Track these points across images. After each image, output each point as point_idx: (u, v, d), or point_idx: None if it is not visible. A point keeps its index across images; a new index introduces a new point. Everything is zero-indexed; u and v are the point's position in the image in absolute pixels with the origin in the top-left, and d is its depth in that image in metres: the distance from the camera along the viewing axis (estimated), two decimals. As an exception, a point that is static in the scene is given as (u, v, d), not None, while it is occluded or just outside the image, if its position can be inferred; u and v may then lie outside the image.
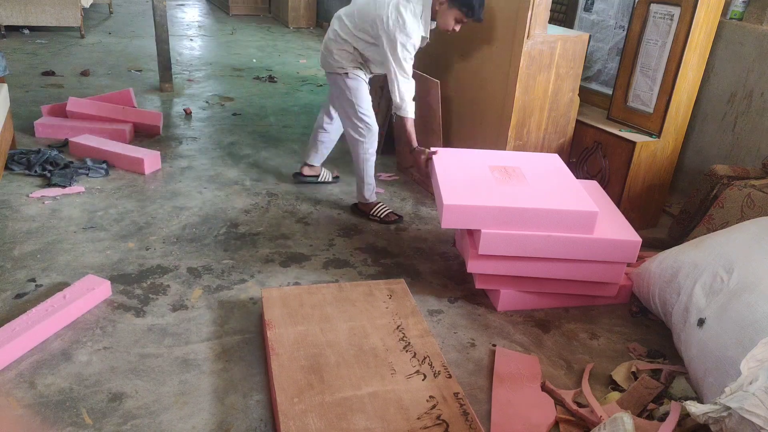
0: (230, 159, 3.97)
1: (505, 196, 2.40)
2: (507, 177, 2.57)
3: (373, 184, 3.22)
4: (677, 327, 2.19)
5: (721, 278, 2.07)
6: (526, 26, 2.87)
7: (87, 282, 2.40)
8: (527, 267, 2.41)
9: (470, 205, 2.33)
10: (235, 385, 2.01)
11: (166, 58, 5.31)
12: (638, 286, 2.55)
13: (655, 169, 3.17)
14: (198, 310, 2.39)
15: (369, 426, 1.74)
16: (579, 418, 1.92)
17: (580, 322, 2.49)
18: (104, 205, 3.19)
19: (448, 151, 2.83)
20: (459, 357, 2.22)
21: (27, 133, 4.06)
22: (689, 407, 1.57)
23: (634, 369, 2.17)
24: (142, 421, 1.84)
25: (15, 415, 1.83)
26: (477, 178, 2.55)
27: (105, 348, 2.14)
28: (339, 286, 2.42)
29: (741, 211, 2.68)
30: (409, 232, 3.16)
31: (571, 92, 3.18)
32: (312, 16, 9.62)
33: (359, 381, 1.91)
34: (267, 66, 6.76)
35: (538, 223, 2.34)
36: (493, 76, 3.16)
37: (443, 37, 3.55)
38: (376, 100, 4.30)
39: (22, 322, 2.12)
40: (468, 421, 1.79)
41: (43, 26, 7.37)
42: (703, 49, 2.97)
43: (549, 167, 2.73)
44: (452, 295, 2.62)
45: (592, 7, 3.66)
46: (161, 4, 5.07)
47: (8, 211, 3.06)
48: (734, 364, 1.75)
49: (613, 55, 3.53)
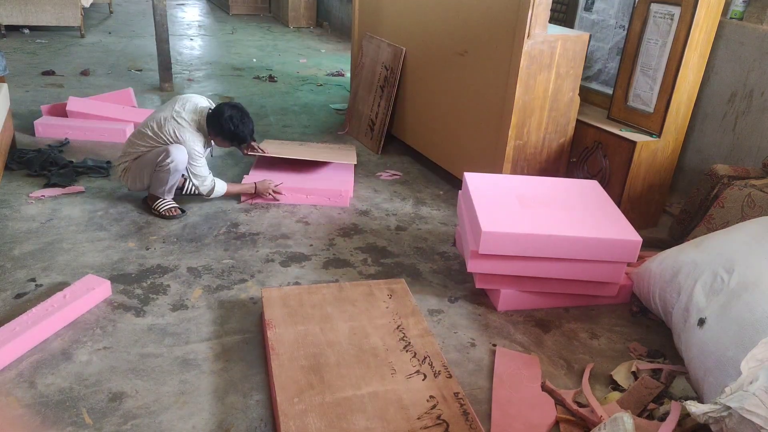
0: (230, 158, 3.97)
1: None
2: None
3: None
4: (677, 327, 2.19)
5: (722, 278, 2.07)
6: (527, 26, 2.87)
7: (87, 282, 2.40)
8: (528, 267, 2.41)
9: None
10: (235, 385, 2.01)
11: (166, 58, 5.30)
12: (638, 286, 2.54)
13: (656, 168, 3.17)
14: (198, 310, 2.39)
15: (369, 426, 1.74)
16: (579, 418, 1.92)
17: (581, 322, 2.49)
18: (104, 205, 3.19)
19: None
20: (459, 357, 2.22)
21: (27, 132, 4.06)
22: (689, 407, 1.57)
23: (635, 369, 2.17)
24: (142, 420, 1.84)
25: (15, 414, 1.83)
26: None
27: (105, 348, 2.14)
28: (339, 286, 2.42)
29: (741, 210, 2.68)
30: (409, 232, 3.16)
31: (572, 92, 3.18)
32: (312, 15, 9.62)
33: (359, 381, 1.91)
34: (267, 65, 6.76)
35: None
36: (494, 75, 3.16)
37: (443, 36, 3.56)
38: (376, 101, 4.31)
39: (22, 321, 2.12)
40: (468, 421, 1.79)
41: (43, 26, 7.37)
42: (703, 48, 2.97)
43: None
44: (452, 294, 2.62)
45: (593, 6, 3.66)
46: (161, 3, 5.07)
47: (8, 211, 3.06)
48: (734, 363, 1.75)
49: (614, 55, 3.53)
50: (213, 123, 3.04)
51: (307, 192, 3.35)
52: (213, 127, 3.05)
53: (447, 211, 3.44)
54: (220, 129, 3.02)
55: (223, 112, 3.01)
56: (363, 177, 3.81)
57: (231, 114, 3.01)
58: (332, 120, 4.96)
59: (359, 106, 4.52)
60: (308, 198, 3.36)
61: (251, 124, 3.12)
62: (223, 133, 3.04)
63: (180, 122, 3.01)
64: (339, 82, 6.24)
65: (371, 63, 4.38)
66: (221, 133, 3.04)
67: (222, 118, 3.00)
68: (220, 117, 3.00)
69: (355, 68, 4.69)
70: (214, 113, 3.05)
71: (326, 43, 8.44)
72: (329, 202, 3.37)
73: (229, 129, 3.01)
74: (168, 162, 2.97)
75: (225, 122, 3.00)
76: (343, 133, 4.64)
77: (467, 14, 3.30)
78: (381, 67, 4.25)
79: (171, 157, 2.96)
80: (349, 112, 4.69)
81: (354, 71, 4.72)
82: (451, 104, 3.57)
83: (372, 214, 3.33)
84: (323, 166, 3.67)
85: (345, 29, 8.62)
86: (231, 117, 3.00)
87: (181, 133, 3.01)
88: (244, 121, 3.06)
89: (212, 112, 3.06)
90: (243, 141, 3.15)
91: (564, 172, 3.42)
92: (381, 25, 4.30)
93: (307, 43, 8.31)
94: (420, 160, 4.10)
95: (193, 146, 3.03)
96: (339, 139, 4.50)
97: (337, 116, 5.07)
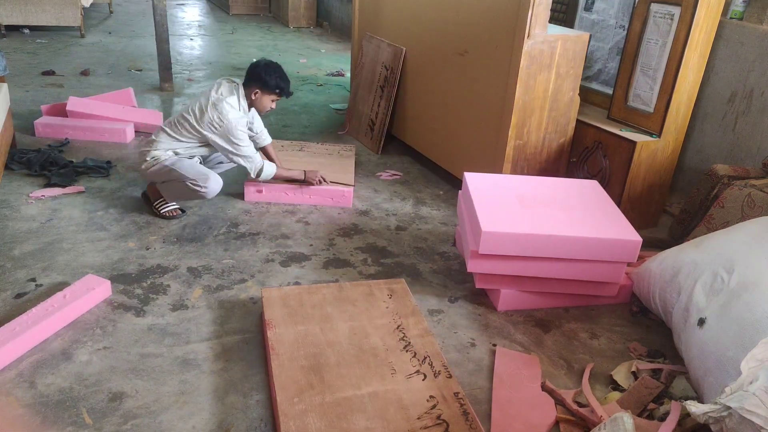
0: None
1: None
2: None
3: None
4: (677, 327, 2.19)
5: (722, 278, 2.07)
6: (527, 26, 2.87)
7: (87, 282, 2.40)
8: (528, 267, 2.41)
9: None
10: (235, 385, 2.01)
11: (167, 58, 5.30)
12: (638, 286, 2.54)
13: (656, 168, 3.17)
14: (198, 310, 2.39)
15: (369, 426, 1.74)
16: (579, 418, 1.92)
17: (581, 322, 2.49)
18: (104, 205, 3.19)
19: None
20: (459, 357, 2.22)
21: (27, 132, 4.06)
22: (689, 407, 1.57)
23: (635, 369, 2.17)
24: (142, 420, 1.84)
25: (15, 414, 1.83)
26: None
27: (105, 348, 2.14)
28: (339, 286, 2.42)
29: (741, 210, 2.68)
30: (409, 232, 3.16)
31: (572, 92, 3.18)
32: (312, 15, 9.62)
33: (359, 381, 1.91)
34: (267, 65, 6.75)
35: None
36: (494, 75, 3.16)
37: (443, 36, 3.56)
38: (376, 101, 4.31)
39: (22, 321, 2.12)
40: (468, 420, 1.79)
41: (43, 26, 7.37)
42: (703, 48, 2.97)
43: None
44: (452, 294, 2.62)
45: (593, 6, 3.66)
46: (161, 3, 5.07)
47: (8, 210, 3.06)
48: (734, 363, 1.75)
49: (614, 55, 3.53)
50: (254, 76, 3.03)
51: (310, 192, 3.35)
52: (255, 81, 3.03)
53: (447, 211, 3.44)
54: (266, 78, 3.01)
55: (261, 63, 3.05)
56: (363, 177, 3.81)
57: (268, 62, 3.05)
58: (332, 120, 4.96)
59: (359, 106, 4.52)
60: (311, 198, 3.36)
61: (286, 75, 3.12)
62: (268, 83, 3.02)
63: (222, 106, 2.97)
64: (339, 82, 6.24)
65: (371, 63, 4.38)
66: (266, 84, 3.02)
67: (262, 68, 3.02)
68: (261, 67, 3.02)
69: (355, 68, 4.70)
70: (254, 67, 3.05)
71: (326, 43, 8.44)
72: (332, 202, 3.37)
73: (273, 74, 3.01)
74: (202, 187, 2.99)
75: (266, 70, 3.01)
76: (343, 133, 4.64)
77: (467, 14, 3.30)
78: (381, 67, 4.25)
79: (207, 186, 2.99)
80: (349, 112, 4.69)
81: (354, 71, 4.72)
82: (451, 104, 3.57)
83: (372, 214, 3.33)
84: (324, 168, 3.66)
85: (345, 29, 8.62)
86: (269, 64, 3.04)
87: (225, 115, 2.96)
88: (281, 69, 3.09)
89: (251, 67, 3.06)
90: (286, 88, 3.10)
91: (564, 172, 3.42)
92: (381, 25, 4.30)
93: (307, 43, 8.31)
94: (420, 160, 4.10)
95: (238, 126, 3.00)
96: (339, 139, 4.49)
97: (337, 116, 5.07)
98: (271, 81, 3.02)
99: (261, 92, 3.05)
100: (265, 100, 3.09)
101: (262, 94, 3.05)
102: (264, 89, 3.04)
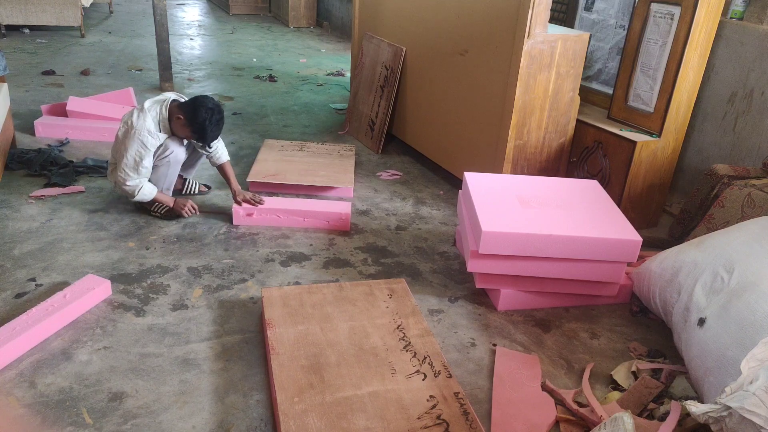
0: (230, 158, 3.96)
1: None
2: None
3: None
4: (678, 326, 2.19)
5: (722, 278, 2.07)
6: (527, 26, 2.87)
7: (87, 281, 2.40)
8: (528, 266, 2.41)
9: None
10: (236, 385, 2.01)
11: (167, 58, 5.30)
12: (639, 286, 2.54)
13: (656, 168, 3.17)
14: (198, 310, 2.39)
15: (369, 426, 1.74)
16: (579, 418, 1.92)
17: (581, 322, 2.49)
18: (104, 205, 3.19)
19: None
20: (459, 357, 2.22)
21: (27, 132, 4.06)
22: (689, 407, 1.57)
23: (635, 368, 2.17)
24: (143, 420, 1.84)
25: (15, 414, 1.83)
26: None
27: (105, 347, 2.14)
28: (339, 286, 2.42)
29: (741, 210, 2.68)
30: (409, 232, 3.16)
31: (572, 92, 3.18)
32: (312, 15, 9.62)
33: (359, 380, 1.91)
34: (267, 65, 6.76)
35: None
36: (494, 75, 3.16)
37: (443, 36, 3.56)
38: (376, 100, 4.31)
39: (22, 321, 2.12)
40: (468, 420, 1.79)
41: (44, 25, 7.37)
42: (703, 48, 2.97)
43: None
44: (452, 294, 2.62)
45: (593, 6, 3.66)
46: (161, 3, 5.07)
47: (8, 210, 3.05)
48: (734, 363, 1.75)
49: (614, 55, 3.53)
50: (187, 108, 2.86)
51: (304, 215, 3.09)
52: (185, 112, 2.86)
53: (447, 211, 3.44)
54: (193, 116, 2.83)
55: (205, 104, 2.84)
56: (363, 177, 3.81)
57: (212, 107, 2.84)
58: (332, 120, 4.96)
59: (359, 105, 4.52)
60: (305, 221, 3.10)
61: (219, 131, 2.95)
62: (193, 121, 2.83)
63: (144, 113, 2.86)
64: (339, 81, 6.24)
65: (371, 63, 4.38)
66: (192, 121, 2.84)
67: (200, 107, 2.82)
68: (199, 106, 2.83)
69: (355, 68, 4.69)
70: (194, 100, 2.88)
71: (326, 42, 8.44)
72: (329, 225, 3.09)
73: (201, 119, 2.81)
74: (168, 154, 2.94)
75: (201, 112, 2.81)
76: (343, 133, 4.64)
77: (467, 14, 3.30)
78: (381, 66, 4.25)
79: (170, 149, 2.94)
80: (349, 112, 4.69)
81: (354, 71, 4.72)
82: (452, 104, 3.57)
83: (372, 214, 3.33)
84: (324, 168, 3.66)
85: (345, 29, 8.62)
86: (213, 109, 2.84)
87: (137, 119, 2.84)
88: (219, 123, 2.89)
89: (194, 98, 2.89)
90: (204, 139, 2.90)
91: (564, 172, 3.42)
92: (381, 25, 4.30)
93: (307, 43, 8.31)
94: (420, 160, 4.10)
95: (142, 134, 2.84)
96: (339, 138, 4.49)
97: (337, 116, 5.07)
98: (198, 119, 2.82)
99: (184, 121, 2.87)
100: (181, 130, 2.92)
101: (183, 122, 2.88)
102: (187, 122, 2.86)
